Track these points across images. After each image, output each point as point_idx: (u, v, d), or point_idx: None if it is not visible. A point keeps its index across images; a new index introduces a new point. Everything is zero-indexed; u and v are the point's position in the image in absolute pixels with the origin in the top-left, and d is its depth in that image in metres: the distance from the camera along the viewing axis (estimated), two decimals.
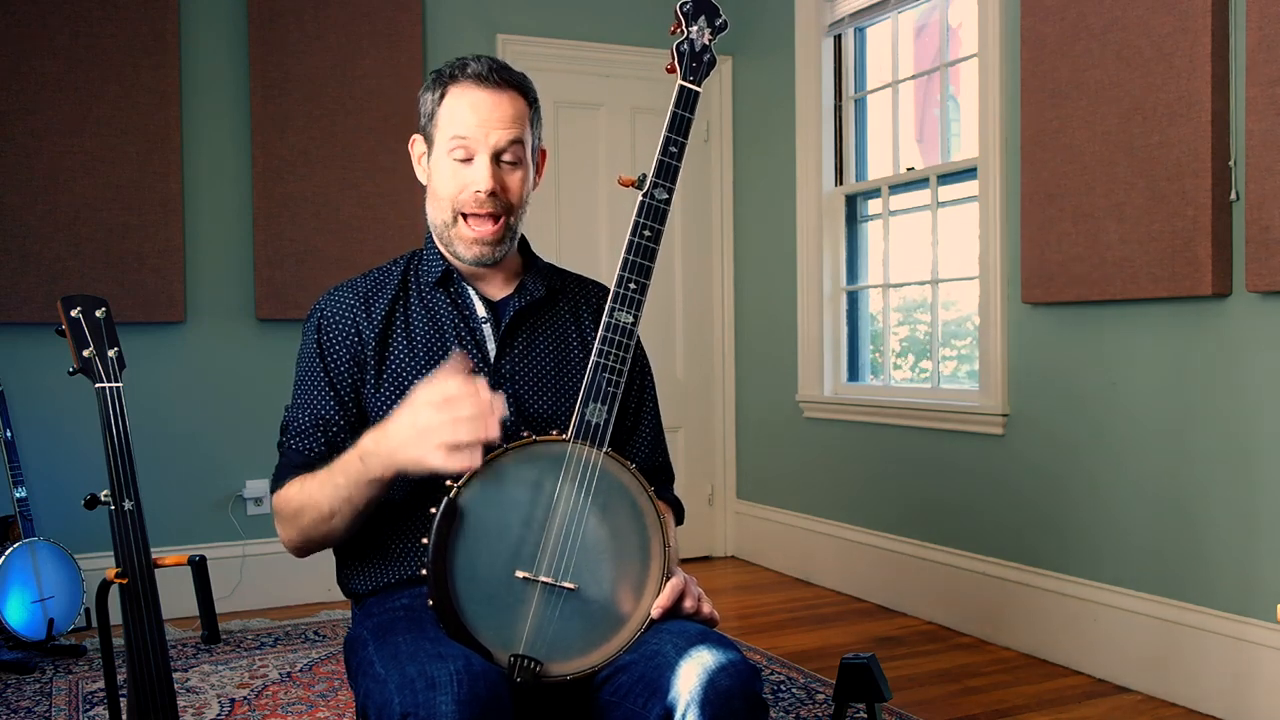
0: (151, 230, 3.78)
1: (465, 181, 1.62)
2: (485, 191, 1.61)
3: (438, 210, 1.67)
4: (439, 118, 1.64)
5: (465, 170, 1.63)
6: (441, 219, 1.66)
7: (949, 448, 3.65)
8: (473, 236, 1.64)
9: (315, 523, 1.56)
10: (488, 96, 1.62)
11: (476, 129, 1.61)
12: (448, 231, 1.66)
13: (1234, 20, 2.71)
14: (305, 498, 1.56)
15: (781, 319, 4.49)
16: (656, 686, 1.39)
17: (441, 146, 1.64)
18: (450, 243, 1.66)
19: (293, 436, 1.64)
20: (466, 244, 1.65)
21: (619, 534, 1.50)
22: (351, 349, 1.65)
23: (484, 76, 1.62)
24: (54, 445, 3.68)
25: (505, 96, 1.63)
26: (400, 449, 1.44)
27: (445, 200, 1.64)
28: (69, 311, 1.64)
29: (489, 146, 1.61)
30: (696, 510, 4.75)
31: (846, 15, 4.17)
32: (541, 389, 1.68)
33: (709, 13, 1.65)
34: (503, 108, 1.62)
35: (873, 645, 3.45)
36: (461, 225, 1.64)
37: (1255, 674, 2.69)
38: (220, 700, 2.94)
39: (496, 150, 1.62)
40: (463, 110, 1.62)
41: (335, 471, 1.53)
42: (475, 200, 1.62)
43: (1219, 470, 2.78)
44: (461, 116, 1.62)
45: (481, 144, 1.61)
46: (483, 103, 1.61)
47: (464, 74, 1.63)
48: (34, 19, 3.63)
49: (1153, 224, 2.85)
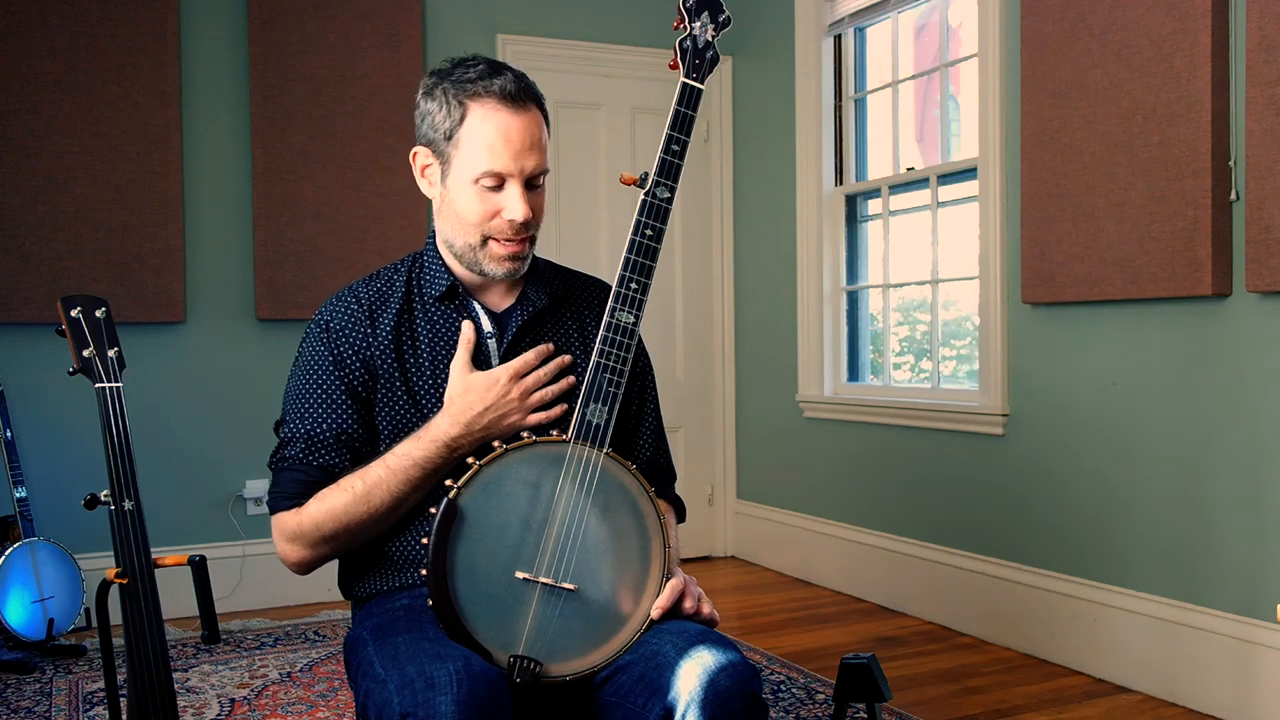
0: (151, 230, 3.78)
1: (496, 208, 1.57)
2: (520, 222, 1.57)
3: (460, 233, 1.60)
4: (461, 140, 1.55)
5: (495, 197, 1.56)
6: (466, 241, 1.60)
7: (949, 448, 3.65)
8: (505, 254, 1.60)
9: (357, 531, 1.55)
10: (517, 121, 1.54)
11: (511, 160, 1.54)
12: (474, 253, 1.60)
13: (1234, 20, 2.71)
14: (349, 506, 1.53)
15: (781, 319, 4.49)
16: (656, 687, 1.39)
17: (466, 172, 1.56)
18: (476, 262, 1.61)
19: (308, 451, 1.59)
20: (498, 261, 1.60)
21: (619, 535, 1.50)
22: (365, 361, 1.62)
23: (511, 96, 1.54)
24: (54, 445, 3.68)
25: (532, 118, 1.57)
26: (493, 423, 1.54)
27: (472, 226, 1.58)
28: (69, 311, 1.64)
29: (521, 175, 1.56)
30: (696, 510, 4.75)
31: (846, 15, 4.17)
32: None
33: (712, 9, 1.63)
34: (530, 131, 1.56)
35: (873, 645, 3.45)
36: (493, 245, 1.59)
37: (1258, 674, 2.69)
38: (220, 700, 2.94)
39: (529, 178, 1.57)
40: (493, 138, 1.53)
41: (398, 469, 1.52)
42: (510, 228, 1.57)
43: (1220, 470, 2.78)
44: (493, 145, 1.53)
45: (514, 172, 1.55)
46: (513, 129, 1.54)
47: (488, 90, 1.54)
48: (34, 19, 3.63)
49: (1153, 224, 2.85)
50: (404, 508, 1.56)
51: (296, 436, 1.60)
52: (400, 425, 1.60)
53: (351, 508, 1.53)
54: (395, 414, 1.60)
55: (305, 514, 1.57)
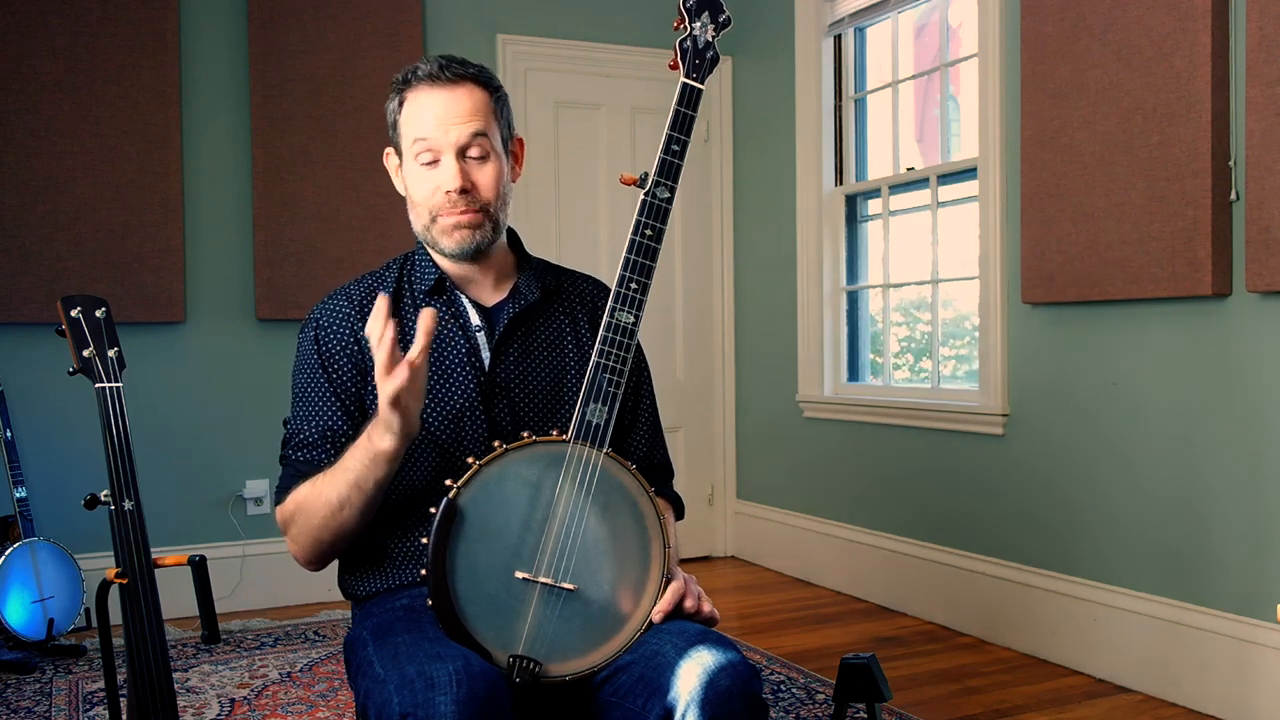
0: (151, 230, 3.78)
1: (435, 183, 1.61)
2: (455, 190, 1.60)
3: (417, 217, 1.66)
4: (401, 125, 1.64)
5: (434, 172, 1.61)
6: (421, 224, 1.65)
7: (949, 448, 3.65)
8: (451, 224, 1.62)
9: (325, 520, 1.53)
10: (442, 94, 1.60)
11: (435, 129, 1.59)
12: (429, 234, 1.65)
13: (1234, 20, 2.71)
14: (312, 495, 1.54)
15: (781, 319, 4.49)
16: (656, 686, 1.39)
17: (408, 153, 1.63)
18: (434, 242, 1.65)
19: (298, 449, 1.63)
20: (447, 234, 1.63)
21: (619, 534, 1.50)
22: (352, 357, 1.64)
23: (435, 75, 1.61)
24: (54, 445, 3.68)
25: (461, 90, 1.61)
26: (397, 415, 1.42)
27: (421, 206, 1.64)
28: (69, 311, 1.64)
29: (452, 145, 1.60)
30: (696, 510, 4.75)
31: (846, 15, 4.17)
32: (536, 397, 1.67)
33: (712, 9, 1.63)
34: (460, 103, 1.60)
35: (873, 645, 3.45)
36: (440, 219, 1.63)
37: (1257, 674, 2.69)
38: (220, 700, 2.94)
39: (460, 147, 1.60)
40: (420, 113, 1.61)
41: (341, 460, 1.52)
42: (447, 200, 1.61)
43: (1220, 470, 2.78)
44: (420, 119, 1.61)
45: (444, 143, 1.60)
46: (438, 101, 1.60)
47: (416, 77, 1.62)
48: (34, 19, 3.63)
49: (1153, 224, 2.85)
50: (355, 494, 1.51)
51: (290, 435, 1.65)
52: None
53: (312, 492, 1.55)
54: None
55: (285, 505, 1.60)
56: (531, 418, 1.65)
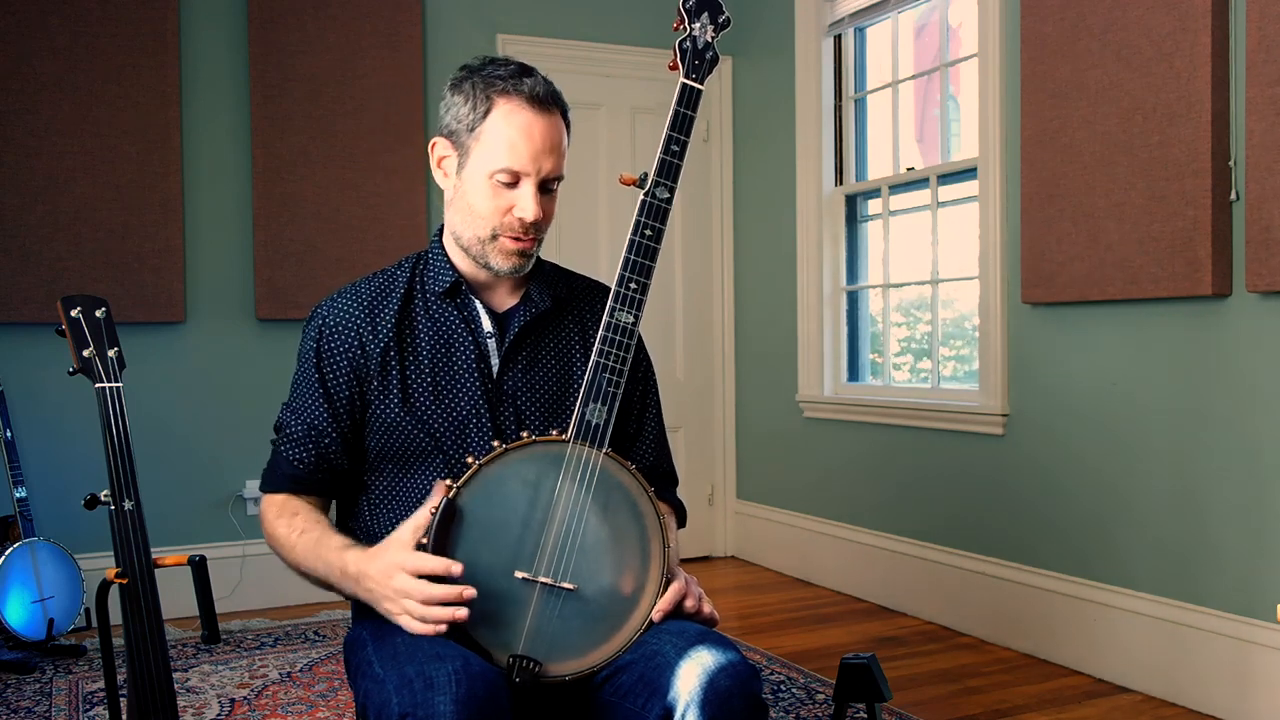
0: (151, 230, 3.78)
1: (508, 204, 1.58)
2: (531, 221, 1.58)
3: (470, 225, 1.61)
4: (483, 132, 1.57)
5: (508, 194, 1.58)
6: (476, 235, 1.61)
7: (949, 448, 3.65)
8: (513, 249, 1.60)
9: (297, 570, 1.60)
10: (541, 120, 1.56)
11: (529, 158, 1.55)
12: (481, 246, 1.61)
13: (1234, 20, 2.71)
14: (288, 545, 1.59)
15: (781, 319, 4.49)
16: (656, 686, 1.39)
17: (483, 166, 1.57)
18: (483, 255, 1.62)
19: (285, 442, 1.64)
20: (506, 256, 1.61)
21: (619, 534, 1.50)
22: (352, 361, 1.63)
23: (538, 99, 1.56)
24: (54, 445, 3.68)
25: (555, 122, 1.59)
26: (377, 600, 1.45)
27: (484, 220, 1.59)
28: (69, 311, 1.64)
29: (537, 176, 1.57)
30: (696, 510, 4.74)
31: (846, 15, 4.17)
32: (542, 405, 1.66)
33: (712, 9, 1.63)
34: (552, 134, 1.57)
35: (873, 645, 3.45)
36: (503, 240, 1.60)
37: (1257, 675, 2.69)
38: (220, 700, 2.94)
39: (544, 180, 1.58)
40: (515, 135, 1.55)
41: (322, 556, 1.54)
42: (520, 227, 1.59)
43: (1219, 470, 2.78)
44: (514, 143, 1.55)
45: (531, 173, 1.57)
46: (536, 129, 1.55)
47: (516, 89, 1.56)
48: (34, 19, 3.63)
49: (1153, 224, 2.85)
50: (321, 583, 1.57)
51: (281, 423, 1.67)
52: (390, 421, 1.60)
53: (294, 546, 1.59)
54: (387, 410, 1.61)
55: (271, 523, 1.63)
56: (536, 426, 1.65)
